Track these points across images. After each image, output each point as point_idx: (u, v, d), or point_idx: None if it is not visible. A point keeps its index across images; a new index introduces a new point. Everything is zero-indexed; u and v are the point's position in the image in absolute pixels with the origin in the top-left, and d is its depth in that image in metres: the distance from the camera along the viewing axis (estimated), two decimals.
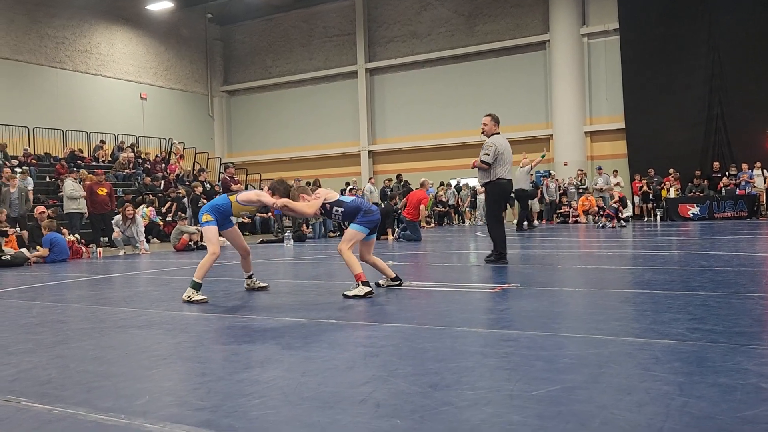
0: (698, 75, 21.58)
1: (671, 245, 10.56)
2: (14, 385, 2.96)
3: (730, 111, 21.17)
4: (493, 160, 7.85)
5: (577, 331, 3.74)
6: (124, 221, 12.92)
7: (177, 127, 28.35)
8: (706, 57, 21.46)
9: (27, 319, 5.02)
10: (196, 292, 5.56)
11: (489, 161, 7.84)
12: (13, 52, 22.71)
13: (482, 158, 7.89)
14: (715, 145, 21.56)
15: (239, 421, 2.34)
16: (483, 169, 7.96)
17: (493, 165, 7.89)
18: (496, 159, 7.88)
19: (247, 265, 6.30)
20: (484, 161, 7.86)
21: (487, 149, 7.90)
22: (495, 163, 7.89)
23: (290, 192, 5.88)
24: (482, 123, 8.20)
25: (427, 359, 3.17)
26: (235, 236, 6.25)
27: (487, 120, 8.20)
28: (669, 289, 5.26)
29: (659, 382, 2.64)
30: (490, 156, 7.85)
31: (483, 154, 7.91)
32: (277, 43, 30.30)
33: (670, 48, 21.87)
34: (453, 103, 26.12)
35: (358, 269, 5.50)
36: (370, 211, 5.71)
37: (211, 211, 5.87)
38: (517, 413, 2.31)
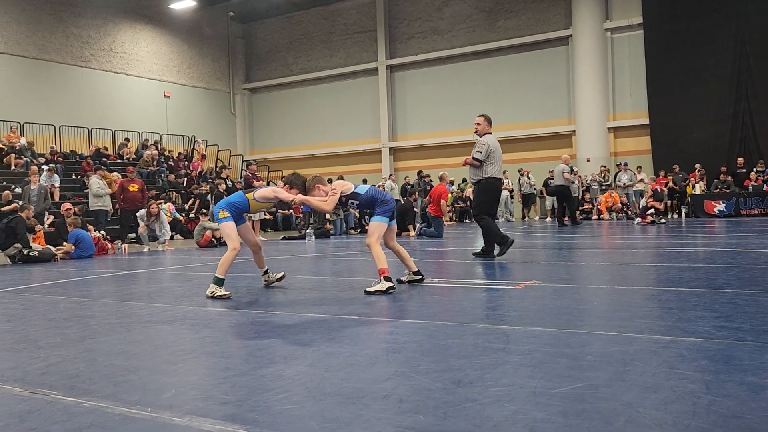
0: (724, 69, 21.24)
1: (697, 242, 10.43)
2: (44, 379, 3.01)
3: (758, 106, 20.83)
4: (485, 157, 8.22)
5: (601, 328, 3.71)
6: (148, 217, 13.10)
7: (200, 124, 28.61)
8: (732, 51, 21.11)
9: (55, 313, 5.11)
10: (219, 288, 5.62)
11: (481, 158, 8.21)
12: (40, 51, 23.07)
13: (474, 155, 8.26)
14: (741, 140, 21.22)
15: (263, 416, 2.36)
16: (475, 166, 8.33)
17: (485, 163, 8.26)
18: (488, 157, 8.26)
19: (260, 261, 6.33)
20: (477, 158, 8.23)
21: (480, 147, 8.26)
22: (487, 161, 8.26)
23: (306, 184, 5.93)
24: (476, 123, 8.52)
25: (449, 356, 3.17)
26: (245, 232, 6.26)
27: (481, 120, 8.50)
28: (695, 286, 5.19)
29: (685, 380, 2.61)
30: (482, 153, 8.22)
31: (476, 151, 8.27)
32: (298, 41, 30.41)
33: (695, 42, 21.55)
34: (474, 99, 25.98)
35: (383, 264, 5.52)
36: (385, 201, 5.78)
37: (227, 207, 5.92)
38: (540, 410, 2.30)
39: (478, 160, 8.20)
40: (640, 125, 22.98)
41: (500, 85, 25.47)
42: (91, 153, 21.39)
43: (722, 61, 21.24)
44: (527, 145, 25.15)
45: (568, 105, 24.41)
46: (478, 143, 8.30)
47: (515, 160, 24.84)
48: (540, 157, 24.77)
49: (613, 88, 23.61)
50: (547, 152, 24.84)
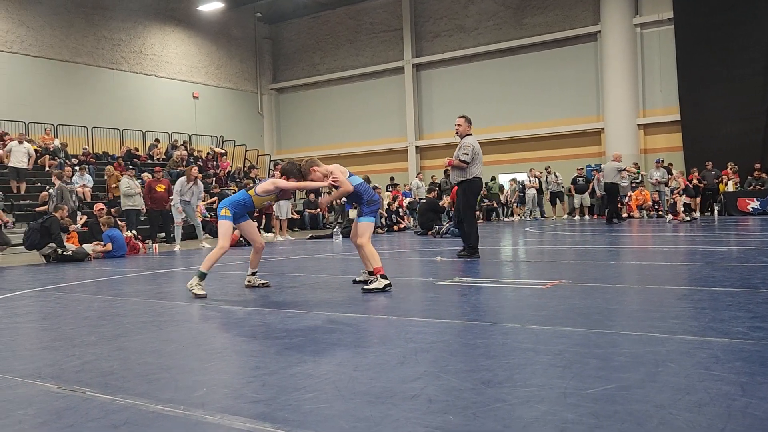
0: (757, 64, 20.78)
1: (730, 240, 10.24)
2: (80, 376, 3.08)
3: None
4: (470, 159, 8.39)
5: (632, 328, 3.66)
6: (187, 181, 13.22)
7: (228, 125, 28.90)
8: (765, 45, 20.66)
9: (89, 312, 5.21)
10: (199, 281, 5.74)
11: (468, 160, 8.37)
12: (73, 54, 23.51)
13: (461, 157, 8.40)
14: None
15: (293, 414, 2.38)
16: (461, 167, 8.47)
17: (470, 164, 8.43)
18: (473, 158, 8.44)
19: (255, 261, 6.32)
20: (464, 160, 8.38)
21: (465, 149, 8.41)
22: (471, 162, 8.44)
23: (302, 170, 6.01)
24: (456, 124, 8.66)
25: (478, 355, 3.16)
26: (249, 230, 6.34)
27: (462, 121, 8.64)
28: (728, 285, 5.10)
29: (720, 382, 2.57)
30: (468, 155, 8.38)
31: (462, 153, 8.42)
32: (324, 41, 30.53)
33: (727, 36, 21.13)
34: (501, 97, 25.85)
35: (378, 263, 5.64)
36: (372, 201, 5.88)
37: (230, 206, 5.97)
38: (571, 411, 2.28)
39: (465, 162, 8.39)
40: (671, 122, 22.61)
41: (528, 82, 25.27)
42: (122, 154, 21.74)
43: (755, 56, 20.79)
44: (555, 143, 24.93)
45: (597, 102, 24.13)
46: (463, 145, 8.46)
47: (543, 158, 24.65)
48: (568, 155, 24.54)
49: (642, 85, 23.27)
50: (575, 150, 24.60)
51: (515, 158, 25.66)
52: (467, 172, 8.47)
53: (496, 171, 25.31)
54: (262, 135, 31.54)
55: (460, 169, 8.50)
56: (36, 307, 5.65)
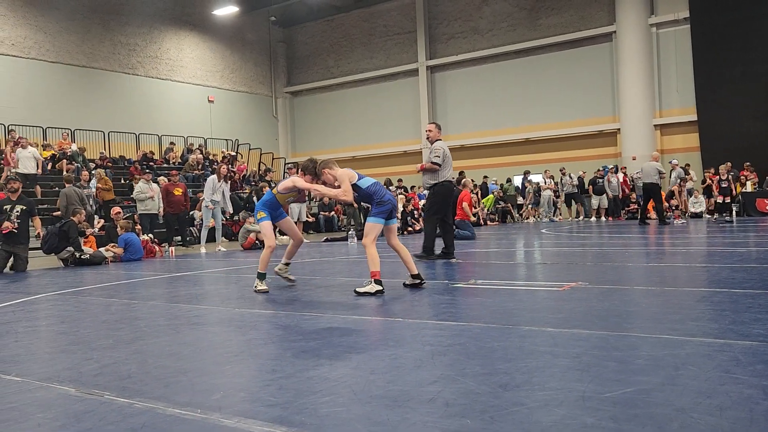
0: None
1: (749, 241, 10.11)
2: (97, 380, 3.09)
3: None
4: (442, 161, 8.66)
5: (651, 331, 3.62)
6: (219, 180, 13.44)
7: (243, 128, 29.06)
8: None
9: (107, 315, 5.25)
10: (261, 282, 6.24)
11: (440, 162, 8.63)
12: (89, 59, 23.76)
13: (434, 160, 8.67)
14: None
15: (310, 418, 2.37)
16: (434, 170, 8.71)
17: (441, 167, 8.69)
18: (444, 161, 8.69)
19: (291, 253, 6.75)
20: (436, 162, 8.64)
21: (437, 152, 8.68)
22: (442, 166, 8.70)
23: (316, 169, 6.16)
24: (427, 130, 9.00)
25: (495, 359, 3.14)
26: (289, 226, 6.76)
27: (432, 127, 9.00)
28: (748, 287, 5.04)
29: (741, 385, 2.53)
30: (440, 158, 8.64)
31: (434, 156, 8.69)
32: (338, 44, 30.62)
33: (744, 35, 20.92)
34: (516, 98, 25.77)
35: (376, 267, 5.65)
36: (382, 201, 5.84)
37: (262, 207, 6.41)
38: (590, 415, 2.26)
39: (438, 164, 8.63)
40: (688, 122, 22.43)
41: (542, 83, 25.17)
42: (138, 158, 21.91)
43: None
44: (570, 144, 24.81)
45: (612, 103, 23.98)
46: (434, 149, 8.73)
47: (558, 159, 24.53)
48: (584, 156, 24.41)
49: (659, 85, 23.10)
50: (590, 151, 24.47)
51: (530, 160, 25.56)
52: (438, 176, 8.73)
53: (512, 173, 25.22)
54: (277, 138, 31.67)
55: (432, 172, 8.76)
56: (54, 310, 5.70)
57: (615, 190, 21.14)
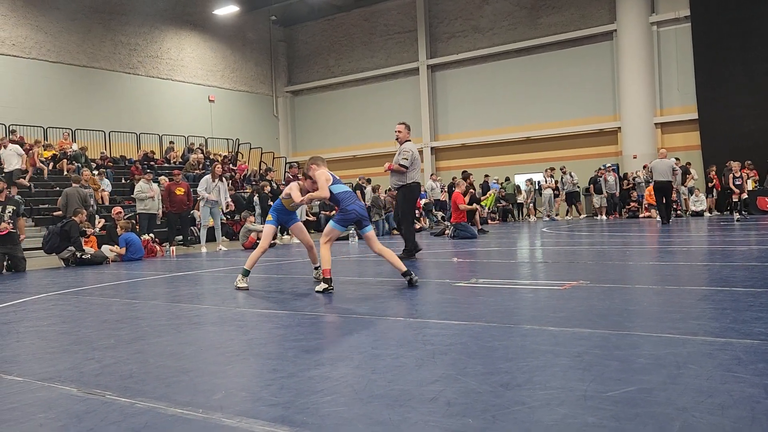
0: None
1: (750, 240, 10.11)
2: (99, 380, 3.10)
3: None
4: (410, 164, 8.70)
5: (652, 330, 3.62)
6: (213, 179, 13.40)
7: (243, 127, 29.06)
8: None
9: (108, 315, 5.25)
10: (243, 279, 6.42)
11: (407, 164, 8.69)
12: (90, 59, 23.77)
13: (401, 162, 8.71)
14: None
15: (312, 418, 2.37)
16: (401, 172, 8.75)
17: (409, 169, 8.73)
18: (412, 163, 8.74)
19: (312, 258, 6.87)
20: (403, 164, 8.69)
21: (405, 154, 8.73)
22: (410, 167, 8.74)
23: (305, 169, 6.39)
24: (397, 131, 8.99)
25: (497, 358, 3.14)
26: (298, 231, 6.94)
27: (402, 128, 9.01)
28: (750, 286, 5.03)
29: (743, 384, 2.53)
30: (408, 160, 8.70)
31: (402, 158, 8.73)
32: (339, 43, 30.61)
33: (745, 33, 20.89)
34: (517, 97, 25.76)
35: (326, 265, 5.85)
36: (346, 210, 6.00)
37: (272, 211, 6.74)
38: (591, 414, 2.26)
39: (405, 166, 8.68)
40: (689, 120, 22.41)
41: (543, 82, 25.16)
42: (139, 158, 21.93)
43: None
44: (571, 143, 24.79)
45: (613, 101, 23.97)
46: (402, 150, 8.76)
47: (558, 158, 24.52)
48: (584, 155, 24.40)
49: (659, 83, 23.08)
50: (591, 150, 24.46)
51: (531, 158, 25.55)
52: (406, 177, 8.77)
53: (512, 171, 25.22)
54: (278, 137, 31.67)
55: (400, 173, 8.80)
56: (56, 310, 5.71)
57: (612, 188, 21.13)
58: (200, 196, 13.50)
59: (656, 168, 15.33)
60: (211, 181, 13.42)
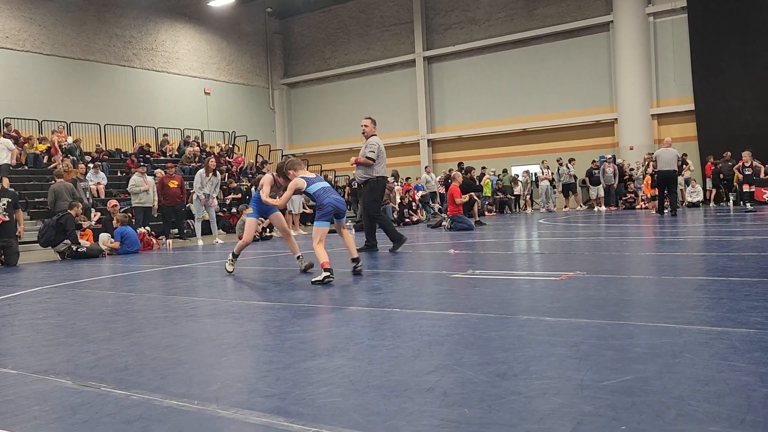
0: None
1: (746, 230, 10.12)
2: (94, 372, 3.08)
3: None
4: (376, 157, 8.82)
5: (648, 319, 3.62)
6: (207, 173, 13.36)
7: (239, 120, 28.98)
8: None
9: (103, 308, 5.24)
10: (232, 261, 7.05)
11: (374, 157, 8.81)
12: (85, 52, 23.64)
13: (368, 155, 8.81)
14: None
15: (308, 408, 2.37)
16: (368, 165, 8.86)
17: (376, 162, 8.86)
18: (378, 156, 8.86)
19: (292, 248, 7.21)
20: (370, 157, 8.80)
21: (372, 147, 8.83)
22: (377, 161, 8.87)
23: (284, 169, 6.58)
24: (363, 125, 9.09)
25: (493, 348, 3.13)
26: (277, 220, 7.28)
27: (368, 122, 9.11)
28: (746, 275, 5.04)
29: (739, 372, 2.53)
30: (375, 153, 8.82)
31: (369, 151, 8.82)
32: (335, 35, 30.50)
33: (742, 25, 20.86)
34: (513, 89, 25.72)
35: (324, 259, 5.98)
36: (322, 206, 6.21)
37: (252, 203, 7.13)
38: (588, 403, 2.25)
39: (372, 159, 8.80)
40: (685, 111, 22.41)
41: (540, 73, 25.12)
42: (135, 151, 21.85)
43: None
44: (568, 134, 24.78)
45: (609, 92, 23.95)
46: (369, 144, 8.85)
47: (555, 149, 24.52)
48: (581, 146, 24.40)
49: (656, 74, 23.06)
50: (587, 141, 24.46)
51: (527, 150, 25.54)
52: (373, 171, 8.90)
53: (509, 163, 25.21)
54: (274, 130, 31.59)
55: (366, 167, 8.90)
56: (51, 303, 5.69)
57: (610, 180, 21.15)
58: (195, 191, 13.46)
59: (661, 157, 14.93)
60: (205, 175, 13.38)
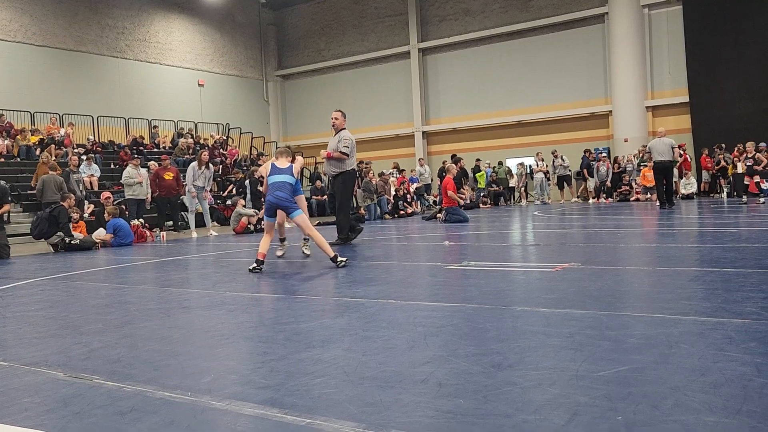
0: (766, 44, 20.53)
1: (740, 221, 10.14)
2: (86, 364, 3.06)
3: None
4: (350, 151, 8.89)
5: (643, 310, 3.62)
6: (199, 166, 13.31)
7: (233, 112, 28.84)
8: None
9: (96, 300, 5.20)
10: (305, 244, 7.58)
11: (348, 152, 8.88)
12: (77, 43, 23.46)
13: (342, 149, 8.86)
14: None
15: (302, 400, 2.35)
16: (341, 159, 8.90)
17: (349, 156, 8.93)
18: (351, 150, 8.93)
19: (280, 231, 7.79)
20: (344, 152, 8.86)
21: (346, 141, 8.88)
22: (350, 155, 8.95)
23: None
24: (333, 118, 9.10)
25: (488, 339, 3.12)
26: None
27: (339, 115, 9.12)
28: (740, 266, 5.04)
29: (734, 362, 2.52)
30: (349, 147, 8.88)
31: (343, 146, 8.86)
32: (329, 26, 30.35)
33: (736, 16, 20.85)
34: (508, 81, 25.66)
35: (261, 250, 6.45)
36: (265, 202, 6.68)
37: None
38: (584, 394, 2.24)
39: (346, 153, 8.87)
40: (680, 103, 22.41)
41: (534, 65, 25.07)
42: (128, 143, 21.73)
43: (764, 37, 20.53)
44: (562, 127, 24.76)
45: (604, 85, 23.92)
46: (343, 138, 8.89)
47: (549, 141, 24.50)
48: (575, 138, 24.39)
49: (651, 67, 23.04)
50: (582, 133, 24.44)
51: (522, 142, 25.52)
52: (345, 164, 8.96)
53: (504, 155, 25.19)
54: (268, 122, 31.46)
55: (338, 161, 8.94)
56: (44, 295, 5.65)
57: (603, 177, 21.16)
58: (188, 185, 13.38)
59: (655, 147, 14.33)
60: (197, 168, 13.32)
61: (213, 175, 14.11)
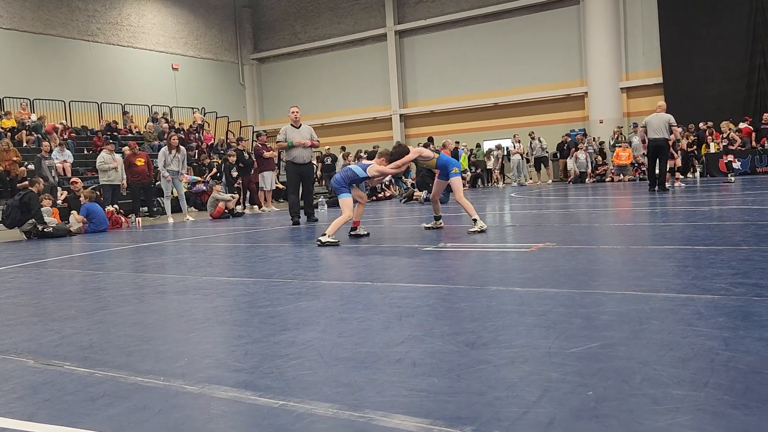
0: (739, 24, 20.77)
1: (711, 200, 10.29)
2: (58, 350, 3.02)
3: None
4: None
5: (616, 288, 3.66)
6: (170, 150, 13.11)
7: (209, 96, 28.48)
8: (748, 5, 20.60)
9: (69, 287, 5.14)
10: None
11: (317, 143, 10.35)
12: (46, 26, 22.95)
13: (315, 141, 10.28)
14: (758, 96, 20.80)
15: (276, 382, 2.35)
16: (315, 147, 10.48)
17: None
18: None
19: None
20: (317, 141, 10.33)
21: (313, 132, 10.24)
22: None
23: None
24: (295, 112, 10.22)
25: (463, 318, 3.14)
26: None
27: (297, 110, 10.31)
28: (711, 244, 5.12)
29: (703, 337, 2.57)
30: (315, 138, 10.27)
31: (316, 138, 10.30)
32: (305, 8, 30.03)
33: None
34: (485, 62, 25.65)
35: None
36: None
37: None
38: (555, 370, 2.27)
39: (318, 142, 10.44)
40: (654, 84, 22.59)
41: (511, 47, 25.08)
42: (101, 128, 21.38)
43: (737, 16, 20.75)
44: (538, 108, 24.85)
45: (580, 66, 24.02)
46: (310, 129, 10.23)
47: (526, 123, 24.58)
48: (551, 120, 24.50)
49: (625, 48, 23.17)
50: (559, 115, 24.56)
51: (499, 124, 25.58)
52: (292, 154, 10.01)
53: (481, 137, 25.23)
54: (245, 106, 31.15)
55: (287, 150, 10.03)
56: (15, 282, 5.57)
57: (582, 166, 21.24)
58: (161, 170, 13.18)
59: (650, 123, 13.00)
60: (168, 152, 13.09)
61: (186, 158, 13.89)
